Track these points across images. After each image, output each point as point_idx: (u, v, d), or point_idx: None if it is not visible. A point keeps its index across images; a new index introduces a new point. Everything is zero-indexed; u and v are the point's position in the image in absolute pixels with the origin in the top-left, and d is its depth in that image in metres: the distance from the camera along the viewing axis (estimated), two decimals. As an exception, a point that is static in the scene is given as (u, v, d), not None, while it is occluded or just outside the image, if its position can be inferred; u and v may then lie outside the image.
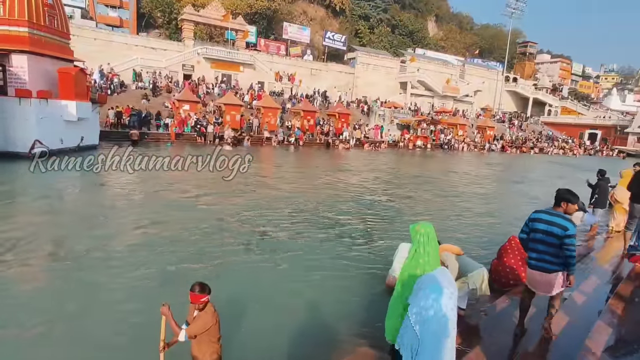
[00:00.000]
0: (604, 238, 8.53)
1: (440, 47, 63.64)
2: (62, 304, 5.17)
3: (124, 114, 25.43)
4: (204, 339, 3.14)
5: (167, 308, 3.11)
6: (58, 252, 6.94)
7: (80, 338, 4.45)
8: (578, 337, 3.86)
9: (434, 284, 2.83)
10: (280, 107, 31.94)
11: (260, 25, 47.35)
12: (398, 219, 10.41)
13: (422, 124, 37.69)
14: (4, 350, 4.19)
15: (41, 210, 9.54)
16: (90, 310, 5.05)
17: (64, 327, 4.69)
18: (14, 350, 4.21)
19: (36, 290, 5.60)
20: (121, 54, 34.78)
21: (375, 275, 6.40)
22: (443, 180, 18.35)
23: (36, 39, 16.89)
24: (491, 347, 3.82)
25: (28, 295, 5.41)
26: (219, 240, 7.84)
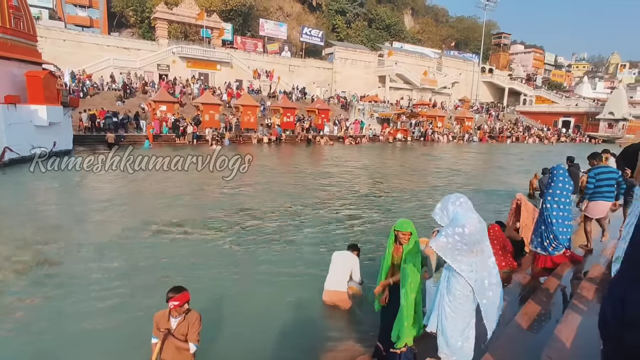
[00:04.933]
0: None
1: (417, 40, 64.21)
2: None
3: (98, 116, 24.76)
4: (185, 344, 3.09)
5: (167, 333, 3.00)
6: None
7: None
8: (548, 327, 3.98)
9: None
10: (259, 105, 31.70)
11: (236, 23, 46.77)
12: (379, 215, 10.50)
13: (402, 117, 38.03)
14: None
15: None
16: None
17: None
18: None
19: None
20: (93, 55, 33.84)
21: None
22: (422, 172, 18.60)
23: (1, 42, 16.26)
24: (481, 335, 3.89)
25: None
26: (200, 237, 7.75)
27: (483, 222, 2.97)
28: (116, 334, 4.59)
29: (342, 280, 5.25)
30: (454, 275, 2.97)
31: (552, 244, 5.49)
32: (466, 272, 2.91)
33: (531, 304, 4.38)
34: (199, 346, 3.07)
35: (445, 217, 2.97)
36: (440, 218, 3.00)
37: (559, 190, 5.40)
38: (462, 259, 2.87)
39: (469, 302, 3.01)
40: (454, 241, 2.78)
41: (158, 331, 3.02)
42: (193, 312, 3.12)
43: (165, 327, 3.03)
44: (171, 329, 3.02)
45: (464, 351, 3.08)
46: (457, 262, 2.85)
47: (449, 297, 3.03)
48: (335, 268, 5.33)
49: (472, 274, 2.94)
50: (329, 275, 5.34)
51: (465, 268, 2.91)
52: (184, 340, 3.01)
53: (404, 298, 3.51)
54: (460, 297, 2.99)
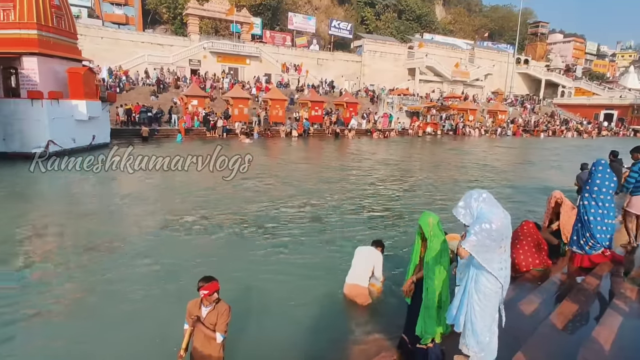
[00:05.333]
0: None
1: (448, 31, 62.51)
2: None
3: (133, 111, 25.68)
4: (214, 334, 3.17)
5: (197, 320, 3.10)
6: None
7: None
8: (584, 328, 3.83)
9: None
10: (287, 99, 31.87)
11: (265, 17, 47.10)
12: (407, 210, 10.38)
13: (432, 110, 37.25)
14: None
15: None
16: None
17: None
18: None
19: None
20: (128, 52, 35.03)
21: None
22: (450, 167, 18.18)
23: (45, 40, 17.09)
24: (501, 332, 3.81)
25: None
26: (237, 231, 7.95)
27: (508, 216, 2.89)
28: (150, 319, 4.79)
29: (363, 275, 5.19)
30: (483, 274, 2.92)
31: (589, 243, 5.25)
32: (497, 270, 2.86)
33: (567, 304, 4.23)
34: (226, 337, 3.15)
35: (469, 215, 2.90)
36: (464, 216, 2.93)
37: (597, 187, 5.15)
38: (492, 256, 2.81)
39: (497, 297, 2.97)
40: (482, 238, 2.73)
41: (189, 318, 3.13)
42: (222, 302, 3.20)
43: (196, 314, 3.14)
44: (201, 317, 3.13)
45: (491, 346, 3.05)
46: (487, 260, 2.79)
47: (478, 295, 2.97)
48: (357, 262, 5.28)
49: (502, 271, 2.88)
50: (351, 269, 5.29)
51: (496, 266, 2.85)
52: (213, 329, 3.10)
53: (425, 293, 3.48)
54: (490, 295, 2.94)
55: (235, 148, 22.35)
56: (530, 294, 4.70)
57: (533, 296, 4.64)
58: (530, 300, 4.55)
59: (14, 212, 9.12)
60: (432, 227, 3.47)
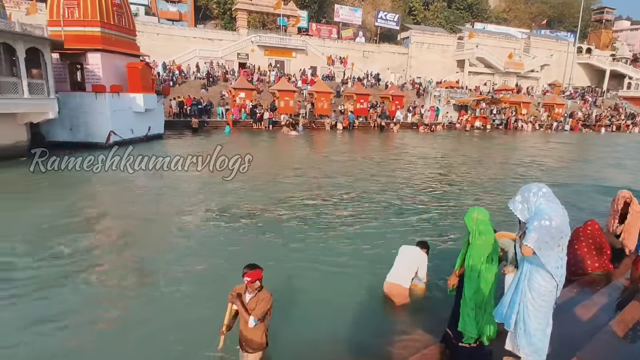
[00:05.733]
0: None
1: (502, 19, 59.35)
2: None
3: (185, 103, 26.85)
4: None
5: (236, 296, 3.25)
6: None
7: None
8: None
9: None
10: (332, 92, 31.87)
11: (312, 10, 47.18)
12: (454, 207, 10.13)
13: (481, 103, 35.73)
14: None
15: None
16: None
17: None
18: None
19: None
20: (181, 47, 36.53)
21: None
22: (498, 163, 17.41)
23: (107, 37, 18.25)
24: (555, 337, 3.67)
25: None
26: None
27: (566, 213, 2.77)
28: (199, 303, 5.08)
29: (406, 275, 5.08)
30: (539, 271, 2.82)
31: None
32: (554, 268, 2.76)
33: (630, 311, 3.99)
34: (259, 322, 3.22)
35: (526, 210, 2.81)
36: (521, 211, 2.83)
37: None
38: (550, 254, 2.72)
39: (552, 297, 2.87)
40: (542, 235, 2.64)
41: (230, 294, 3.30)
42: (265, 291, 3.32)
43: (245, 300, 3.30)
44: (245, 302, 3.28)
45: (543, 349, 2.95)
46: (545, 257, 2.70)
47: (532, 294, 2.89)
48: (400, 261, 5.19)
49: (559, 270, 2.78)
50: (394, 267, 5.20)
51: (553, 264, 2.76)
52: (249, 313, 3.22)
53: (466, 289, 3.44)
54: (544, 294, 2.85)
55: (282, 140, 22.80)
56: (587, 299, 4.48)
57: (591, 301, 4.41)
58: (588, 305, 4.32)
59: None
60: (475, 222, 3.38)
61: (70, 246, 6.77)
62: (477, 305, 3.38)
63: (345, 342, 4.46)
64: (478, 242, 3.36)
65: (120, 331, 4.53)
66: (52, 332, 4.52)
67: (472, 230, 3.39)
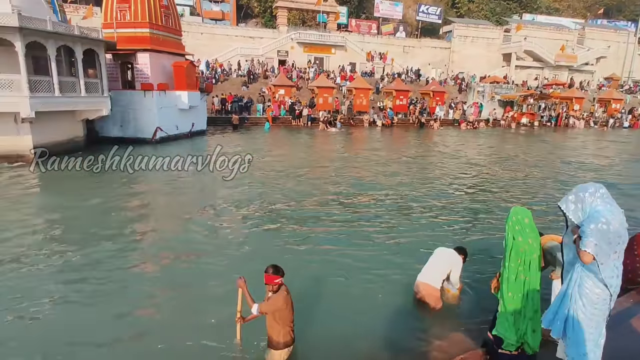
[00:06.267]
0: None
1: (553, 10, 56.06)
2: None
3: (227, 100, 27.61)
4: (276, 320, 3.38)
5: (243, 281, 3.35)
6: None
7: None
8: None
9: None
10: (372, 88, 31.55)
11: (352, 5, 46.87)
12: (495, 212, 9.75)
13: (529, 99, 34.01)
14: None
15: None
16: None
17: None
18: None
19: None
20: (224, 45, 37.53)
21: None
22: (550, 162, 16.51)
23: (155, 37, 19.09)
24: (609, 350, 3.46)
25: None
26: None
27: (624, 216, 2.59)
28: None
29: (437, 277, 4.89)
30: (591, 278, 2.67)
31: None
32: (608, 278, 2.59)
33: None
34: (259, 311, 3.34)
35: (580, 211, 2.64)
36: (573, 212, 2.67)
37: None
38: (606, 261, 2.56)
39: (605, 306, 2.70)
40: (599, 240, 2.49)
41: (240, 280, 3.49)
42: (279, 293, 3.36)
43: (267, 296, 3.42)
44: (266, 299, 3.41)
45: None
46: (600, 265, 2.55)
47: (582, 301, 2.73)
48: (434, 262, 5.01)
49: (614, 279, 2.61)
50: (425, 267, 5.04)
51: (608, 273, 2.59)
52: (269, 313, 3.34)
53: (504, 293, 3.33)
54: (597, 302, 2.69)
55: (320, 137, 22.90)
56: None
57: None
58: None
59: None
60: (514, 223, 3.25)
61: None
62: (516, 311, 3.26)
63: (378, 340, 4.43)
64: (519, 244, 3.24)
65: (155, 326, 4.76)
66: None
67: (513, 232, 3.26)
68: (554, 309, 2.97)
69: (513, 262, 3.26)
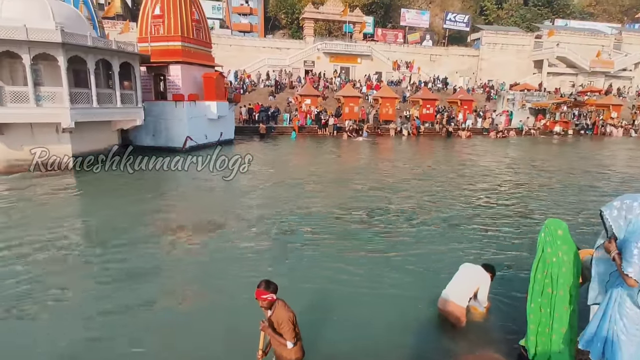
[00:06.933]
0: None
1: (587, 14, 54.26)
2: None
3: (254, 110, 28.14)
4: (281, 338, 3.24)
5: (267, 325, 3.24)
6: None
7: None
8: None
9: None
10: (398, 97, 31.39)
11: (378, 15, 47.02)
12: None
13: (562, 107, 32.88)
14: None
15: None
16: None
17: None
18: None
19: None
20: (251, 56, 38.40)
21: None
22: (586, 172, 15.84)
23: (187, 50, 19.78)
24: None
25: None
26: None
27: None
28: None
29: (463, 295, 4.70)
30: (632, 297, 2.53)
31: None
32: None
33: None
34: (295, 342, 3.21)
35: (623, 219, 2.51)
36: (615, 219, 2.53)
37: None
38: None
39: None
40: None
41: (262, 321, 3.28)
42: (281, 308, 3.24)
43: (266, 315, 3.30)
44: (267, 318, 3.28)
45: None
46: None
47: (623, 321, 2.60)
48: (460, 279, 4.82)
49: None
50: (450, 283, 4.85)
51: None
52: (280, 334, 3.22)
53: (528, 304, 3.27)
54: (638, 323, 2.55)
55: (345, 146, 22.93)
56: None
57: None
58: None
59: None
60: (545, 234, 3.16)
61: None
62: (538, 323, 3.16)
63: (401, 355, 4.33)
64: (546, 255, 3.14)
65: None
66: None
67: (543, 243, 3.17)
68: (592, 329, 2.83)
69: (539, 274, 3.18)
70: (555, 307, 3.13)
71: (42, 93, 13.60)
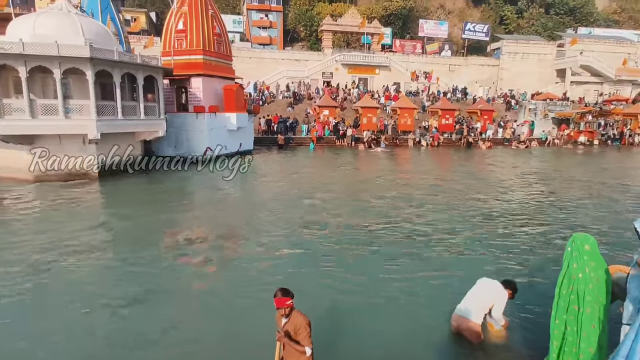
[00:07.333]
0: None
1: (612, 22, 53.03)
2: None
3: (273, 121, 28.46)
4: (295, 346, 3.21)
5: (282, 335, 3.21)
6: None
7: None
8: None
9: None
10: (416, 107, 31.23)
11: (396, 26, 47.14)
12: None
13: (587, 116, 32.04)
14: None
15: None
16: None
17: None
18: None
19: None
20: (271, 68, 39.03)
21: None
22: (613, 186, 15.32)
23: (208, 63, 20.25)
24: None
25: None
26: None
27: None
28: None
29: (478, 311, 4.54)
30: None
31: None
32: None
33: None
34: (310, 348, 3.19)
35: None
36: None
37: None
38: None
39: None
40: None
41: (278, 332, 3.25)
42: (297, 315, 3.25)
43: (280, 325, 3.28)
44: (281, 328, 3.25)
45: None
46: None
47: None
48: (475, 294, 4.67)
49: None
50: (465, 299, 4.71)
51: None
52: (297, 341, 3.19)
53: (552, 321, 3.18)
54: None
55: (363, 157, 22.88)
56: None
57: None
58: None
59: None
60: (572, 249, 3.07)
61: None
62: (562, 340, 3.06)
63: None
64: (572, 271, 3.04)
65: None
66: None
67: (569, 258, 3.08)
68: (624, 352, 2.70)
69: (564, 289, 3.08)
70: (582, 325, 3.02)
71: (71, 106, 14.16)
